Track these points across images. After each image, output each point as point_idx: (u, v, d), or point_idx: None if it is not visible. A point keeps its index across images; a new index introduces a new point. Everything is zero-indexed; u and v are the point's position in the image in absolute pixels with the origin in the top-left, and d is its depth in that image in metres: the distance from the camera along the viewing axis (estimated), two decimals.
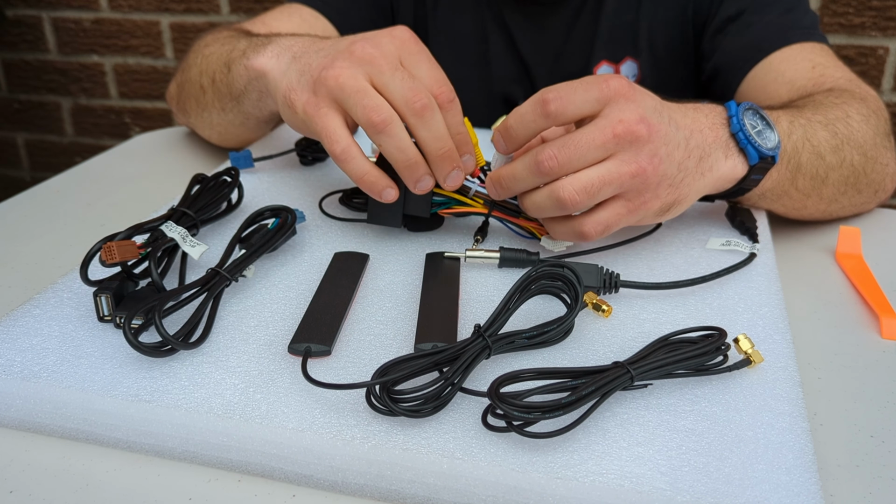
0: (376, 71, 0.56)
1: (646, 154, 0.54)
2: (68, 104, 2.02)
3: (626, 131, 0.53)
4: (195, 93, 0.82)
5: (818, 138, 0.67)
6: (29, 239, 0.70)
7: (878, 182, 0.73)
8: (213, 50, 0.79)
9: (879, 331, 0.57)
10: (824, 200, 0.70)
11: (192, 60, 0.83)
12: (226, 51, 0.76)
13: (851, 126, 0.70)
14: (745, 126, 0.60)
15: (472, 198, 0.61)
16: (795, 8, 0.88)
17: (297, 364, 0.47)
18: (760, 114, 0.62)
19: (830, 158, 0.68)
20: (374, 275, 0.58)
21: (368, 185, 0.57)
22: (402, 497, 0.42)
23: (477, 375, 0.46)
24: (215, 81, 0.77)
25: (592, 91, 0.54)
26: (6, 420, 0.47)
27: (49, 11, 1.91)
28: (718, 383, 0.47)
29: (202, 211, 0.60)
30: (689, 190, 0.58)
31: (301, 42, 0.66)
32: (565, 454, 0.41)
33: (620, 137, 0.53)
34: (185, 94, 0.85)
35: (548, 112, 0.53)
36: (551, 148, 0.53)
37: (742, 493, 0.39)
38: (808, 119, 0.68)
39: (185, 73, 0.85)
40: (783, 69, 0.83)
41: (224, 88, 0.76)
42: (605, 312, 0.52)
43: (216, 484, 0.43)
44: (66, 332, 0.50)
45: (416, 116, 0.55)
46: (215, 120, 0.82)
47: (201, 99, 0.81)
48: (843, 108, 0.72)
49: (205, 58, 0.80)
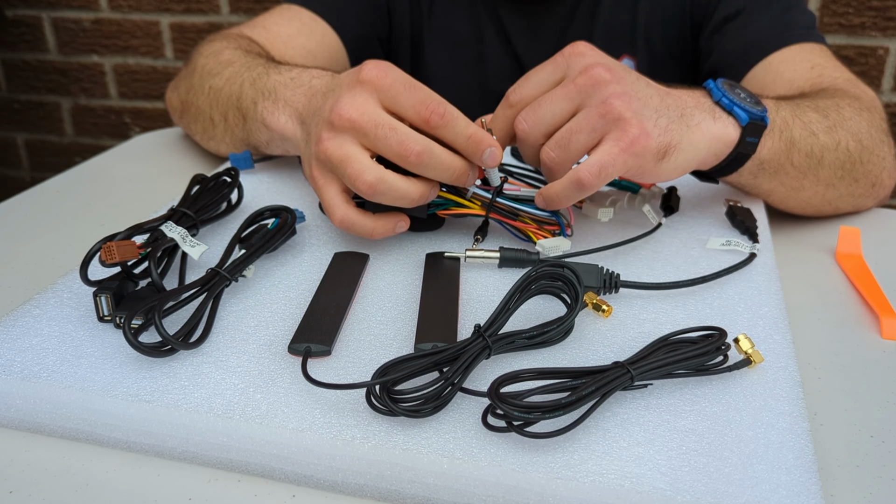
0: (361, 135, 0.55)
1: (612, 92, 0.55)
2: (68, 104, 2.02)
3: (588, 77, 0.56)
4: (203, 122, 0.82)
5: (808, 118, 0.68)
6: (29, 239, 0.70)
7: (874, 174, 0.73)
8: (219, 84, 0.78)
9: (879, 331, 0.57)
10: (821, 182, 0.70)
11: (197, 83, 0.82)
12: (235, 91, 0.75)
13: (843, 114, 0.71)
14: (728, 93, 0.61)
15: (469, 199, 0.61)
16: (794, 7, 0.88)
17: (297, 364, 0.47)
18: (740, 88, 0.64)
19: (824, 138, 0.68)
20: (374, 275, 0.58)
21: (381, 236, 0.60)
22: (403, 497, 0.42)
23: (477, 375, 0.46)
24: (228, 121, 0.77)
25: (548, 67, 0.59)
26: (6, 420, 0.47)
27: (49, 11, 1.91)
28: (718, 383, 0.47)
29: (202, 211, 0.60)
30: (681, 137, 0.58)
31: (304, 98, 0.67)
32: (565, 454, 0.41)
33: (582, 85, 0.56)
34: (190, 116, 0.84)
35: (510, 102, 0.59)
36: (522, 112, 0.58)
37: (742, 492, 0.39)
38: (797, 103, 0.70)
39: (191, 93, 0.83)
40: (782, 70, 0.83)
41: (240, 133, 0.76)
42: (605, 312, 0.52)
43: (216, 484, 0.43)
44: (66, 332, 0.50)
45: (416, 166, 0.55)
46: (223, 150, 0.82)
47: (210, 130, 0.81)
48: (834, 100, 0.73)
49: (212, 90, 0.79)
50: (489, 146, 0.56)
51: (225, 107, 0.77)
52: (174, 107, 0.90)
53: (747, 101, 0.62)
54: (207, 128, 0.81)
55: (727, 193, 0.72)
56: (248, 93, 0.73)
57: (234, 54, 0.81)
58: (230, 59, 0.80)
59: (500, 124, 0.60)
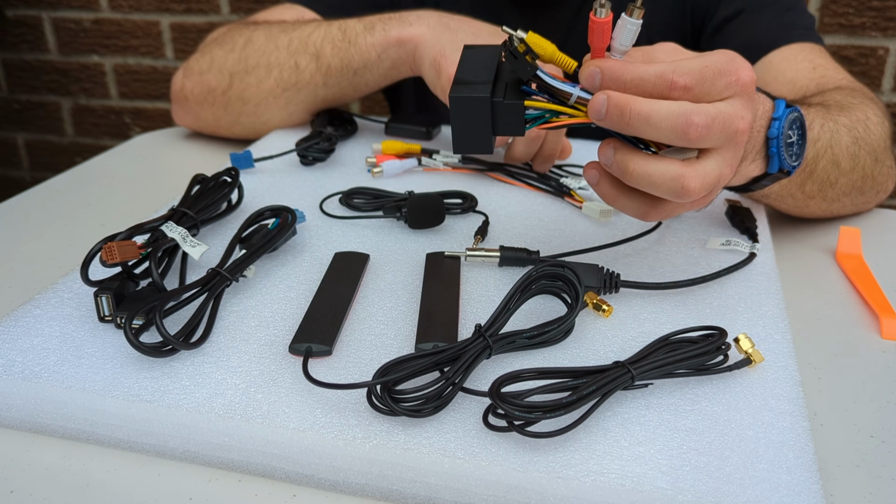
0: None
1: (750, 116, 0.49)
2: (68, 104, 2.02)
3: (745, 87, 0.48)
4: (283, 75, 0.84)
5: (841, 145, 0.67)
6: (29, 239, 0.70)
7: (881, 183, 0.74)
8: (304, 33, 0.84)
9: (879, 331, 0.57)
10: (827, 201, 0.70)
11: (260, 45, 0.85)
12: (333, 30, 0.82)
13: (869, 129, 0.71)
14: (782, 135, 0.56)
15: (573, 105, 0.49)
16: (793, 8, 0.89)
17: (298, 364, 0.47)
18: (801, 126, 0.58)
19: (845, 164, 0.68)
20: (375, 275, 0.58)
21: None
22: (404, 497, 0.42)
23: (478, 375, 0.46)
24: (321, 56, 0.82)
25: (720, 81, 0.48)
26: (6, 420, 0.47)
27: (49, 11, 1.91)
28: (719, 383, 0.47)
29: (202, 211, 0.60)
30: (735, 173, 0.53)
31: (453, 17, 0.78)
32: (566, 454, 0.41)
33: (740, 89, 0.48)
34: (247, 82, 0.86)
35: (673, 92, 0.47)
36: (685, 75, 0.47)
37: (743, 492, 0.39)
38: (836, 122, 0.67)
39: (242, 63, 0.86)
40: (783, 68, 0.83)
41: (337, 62, 0.82)
42: (605, 312, 0.52)
43: (216, 484, 0.43)
44: (66, 332, 0.50)
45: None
46: (301, 97, 0.85)
47: (291, 78, 0.84)
48: (863, 109, 0.72)
49: (295, 40, 0.84)
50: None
51: (319, 44, 0.82)
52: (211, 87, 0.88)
53: (793, 148, 0.57)
54: (287, 78, 0.84)
55: (727, 193, 0.72)
56: (352, 24, 0.82)
57: (280, 23, 0.88)
58: (286, 22, 0.87)
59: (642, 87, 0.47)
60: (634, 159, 0.48)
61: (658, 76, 0.47)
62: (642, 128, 0.46)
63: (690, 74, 0.46)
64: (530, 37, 0.49)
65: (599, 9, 0.47)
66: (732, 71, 0.47)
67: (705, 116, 0.46)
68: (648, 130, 0.46)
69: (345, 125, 0.86)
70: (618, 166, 0.49)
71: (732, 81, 0.47)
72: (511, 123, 0.50)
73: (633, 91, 0.47)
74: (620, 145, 0.49)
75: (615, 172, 0.49)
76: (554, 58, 0.49)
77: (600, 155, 0.50)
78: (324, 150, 0.77)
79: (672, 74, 0.46)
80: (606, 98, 0.47)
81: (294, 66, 0.83)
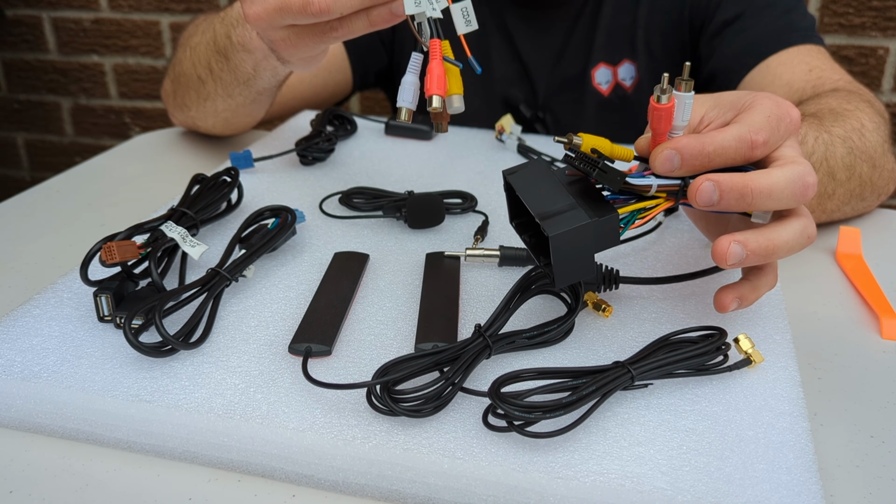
0: None
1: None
2: (68, 104, 2.02)
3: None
4: (194, 85, 0.82)
5: (836, 157, 0.67)
6: (29, 239, 0.70)
7: (882, 188, 0.74)
8: (198, 41, 0.80)
9: (879, 331, 0.57)
10: (826, 213, 0.71)
11: (181, 55, 0.84)
12: (209, 38, 0.77)
13: (865, 137, 0.70)
14: None
15: (654, 196, 0.48)
16: (793, 10, 0.88)
17: (297, 364, 0.47)
18: None
19: (841, 175, 0.68)
20: (374, 275, 0.58)
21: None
22: (403, 497, 0.42)
23: (477, 375, 0.46)
24: (213, 70, 0.78)
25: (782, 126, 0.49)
26: (6, 420, 0.47)
27: (49, 11, 1.90)
28: (719, 383, 0.47)
29: (202, 211, 0.60)
30: None
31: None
32: (566, 454, 0.41)
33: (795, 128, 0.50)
34: (181, 88, 0.85)
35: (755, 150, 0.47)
36: (761, 132, 0.47)
37: (743, 492, 0.39)
38: (830, 133, 0.68)
39: (178, 67, 0.85)
40: (780, 72, 0.83)
41: (228, 76, 0.77)
42: (605, 312, 0.52)
43: (216, 484, 0.43)
44: (66, 332, 0.50)
45: None
46: (220, 107, 0.83)
47: (202, 90, 0.82)
48: (858, 116, 0.72)
49: (192, 49, 0.81)
50: None
51: (206, 57, 0.78)
52: (168, 92, 0.90)
53: None
54: (199, 89, 0.82)
55: None
56: (220, 31, 0.74)
57: (207, 16, 0.84)
58: (203, 19, 0.83)
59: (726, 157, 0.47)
60: (756, 239, 0.46)
61: (738, 139, 0.46)
62: (765, 203, 0.46)
63: (764, 129, 0.47)
64: (588, 140, 0.48)
65: (661, 95, 0.46)
66: (785, 114, 0.48)
67: (813, 175, 0.46)
68: (769, 204, 0.46)
69: (344, 125, 0.86)
70: (755, 255, 0.46)
71: (789, 123, 0.48)
72: (609, 236, 0.48)
73: (716, 161, 0.46)
74: (744, 238, 0.46)
75: (754, 262, 0.47)
76: (613, 153, 0.49)
77: (730, 259, 0.46)
78: (323, 150, 0.77)
79: (750, 134, 0.46)
80: (715, 183, 0.45)
81: (199, 79, 0.81)
